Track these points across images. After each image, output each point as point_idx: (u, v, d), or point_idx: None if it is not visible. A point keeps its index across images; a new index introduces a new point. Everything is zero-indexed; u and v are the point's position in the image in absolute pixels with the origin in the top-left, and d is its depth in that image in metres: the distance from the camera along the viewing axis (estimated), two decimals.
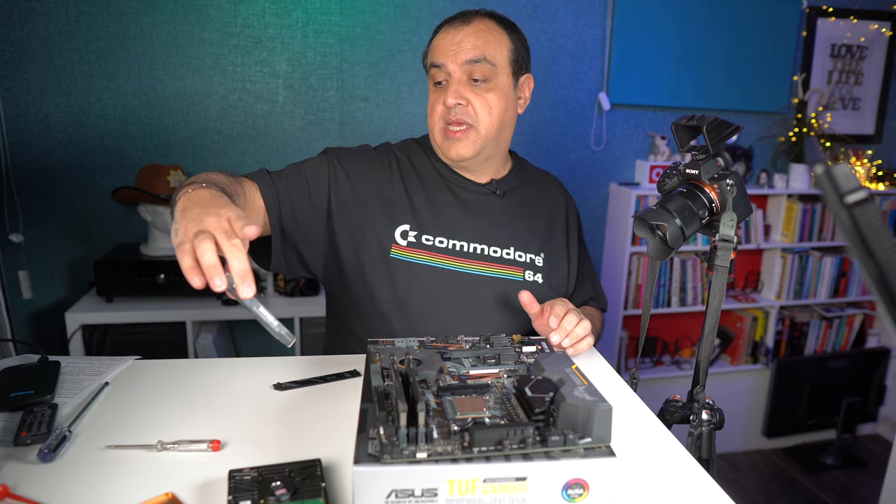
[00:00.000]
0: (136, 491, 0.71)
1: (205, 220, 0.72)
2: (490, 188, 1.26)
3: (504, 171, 1.30)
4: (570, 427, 0.63)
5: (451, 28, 1.18)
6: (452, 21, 1.19)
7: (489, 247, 1.22)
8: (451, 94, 1.15)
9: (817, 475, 2.75)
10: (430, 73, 1.21)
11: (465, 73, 1.16)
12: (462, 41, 1.15)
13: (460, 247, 1.20)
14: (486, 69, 1.16)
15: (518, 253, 1.24)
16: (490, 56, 1.16)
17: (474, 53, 1.15)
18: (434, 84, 1.20)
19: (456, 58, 1.15)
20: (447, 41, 1.17)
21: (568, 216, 1.35)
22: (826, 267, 2.92)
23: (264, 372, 1.04)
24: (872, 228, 0.41)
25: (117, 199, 2.20)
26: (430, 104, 1.21)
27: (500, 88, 1.18)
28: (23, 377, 0.96)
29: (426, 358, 0.78)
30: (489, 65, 1.16)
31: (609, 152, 2.76)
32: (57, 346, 2.27)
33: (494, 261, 1.22)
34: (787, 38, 2.80)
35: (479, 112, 1.17)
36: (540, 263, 1.25)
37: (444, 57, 1.16)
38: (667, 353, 2.93)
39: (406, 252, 1.17)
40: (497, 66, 1.17)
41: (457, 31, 1.16)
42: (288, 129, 2.42)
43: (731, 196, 0.95)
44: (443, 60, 1.16)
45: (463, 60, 1.15)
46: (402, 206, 1.20)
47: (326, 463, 0.75)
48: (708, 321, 1.00)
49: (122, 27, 2.22)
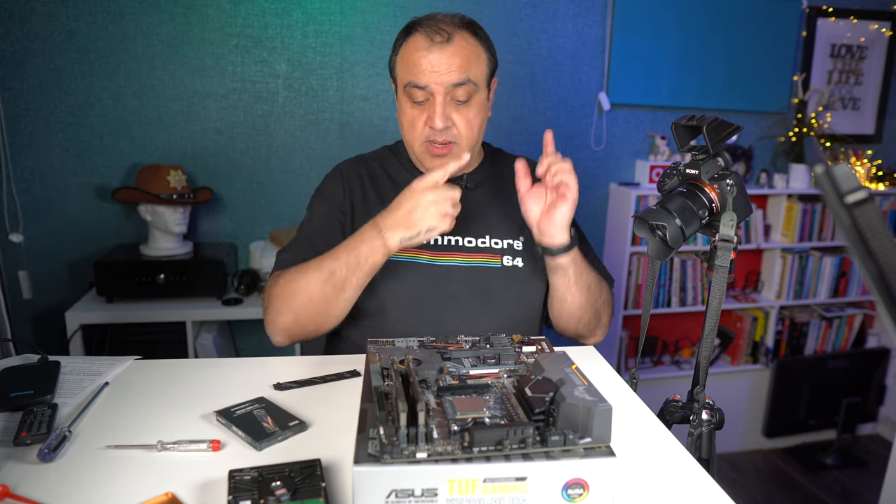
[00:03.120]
0: (136, 491, 0.71)
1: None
2: (460, 183, 1.26)
3: (474, 165, 1.30)
4: (570, 427, 0.63)
5: (432, 45, 1.12)
6: (430, 35, 1.13)
7: (463, 237, 1.23)
8: (440, 118, 1.13)
9: (817, 475, 2.75)
10: (405, 90, 1.16)
11: (450, 95, 1.14)
12: (445, 62, 1.12)
13: (435, 241, 1.20)
14: (470, 90, 1.14)
15: (494, 240, 1.24)
16: (474, 76, 1.14)
17: (459, 76, 1.12)
18: (412, 101, 1.17)
19: (441, 80, 1.12)
20: (428, 61, 1.12)
21: None
22: (826, 267, 2.92)
23: (264, 372, 1.04)
24: (872, 228, 0.41)
25: (117, 199, 2.20)
26: (409, 120, 1.18)
27: (479, 104, 1.18)
28: (23, 377, 0.96)
29: (426, 358, 0.78)
30: (473, 85, 1.14)
31: (609, 152, 2.75)
32: (57, 346, 2.27)
33: (469, 250, 1.23)
34: (787, 38, 2.80)
35: (463, 130, 1.16)
36: (519, 247, 1.25)
37: (426, 78, 1.12)
38: (667, 353, 2.93)
39: None
40: (479, 85, 1.16)
41: (440, 51, 1.12)
42: (288, 129, 2.42)
43: (731, 196, 0.95)
44: (425, 82, 1.12)
45: (448, 84, 1.12)
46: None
47: (326, 463, 0.75)
48: (708, 321, 1.00)
49: (122, 27, 2.22)
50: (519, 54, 2.55)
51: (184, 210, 2.21)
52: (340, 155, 2.43)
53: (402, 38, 1.19)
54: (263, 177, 2.44)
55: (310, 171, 2.46)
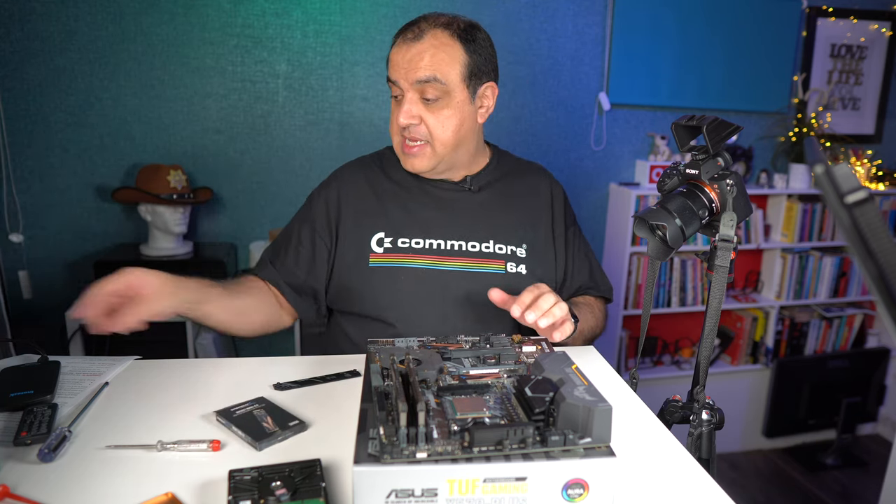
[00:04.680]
0: (136, 491, 0.71)
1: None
2: (464, 185, 1.26)
3: (479, 167, 1.29)
4: (570, 427, 0.63)
5: (404, 42, 1.14)
6: (405, 33, 1.15)
7: (467, 242, 1.22)
8: (404, 114, 1.14)
9: (817, 475, 2.75)
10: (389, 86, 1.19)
11: (417, 91, 1.14)
12: (413, 59, 1.12)
13: (437, 245, 1.21)
14: (438, 88, 1.13)
15: (498, 245, 1.24)
16: (442, 75, 1.12)
17: (425, 73, 1.12)
18: (393, 97, 1.19)
19: (407, 76, 1.13)
20: (399, 56, 1.14)
21: (553, 203, 1.32)
22: (826, 267, 2.92)
23: (264, 372, 1.04)
24: (872, 228, 0.41)
25: (117, 199, 2.20)
26: (391, 116, 1.20)
27: (454, 104, 1.16)
28: (23, 377, 0.96)
29: (426, 358, 0.78)
30: (440, 83, 1.13)
31: (609, 152, 2.75)
32: (57, 346, 2.27)
33: (473, 255, 1.22)
34: (787, 38, 2.80)
35: (434, 129, 1.16)
36: (522, 255, 1.24)
37: (395, 73, 1.14)
38: (667, 353, 2.93)
39: (384, 258, 1.20)
40: (448, 84, 1.13)
41: (409, 47, 1.13)
42: (288, 129, 2.42)
43: (731, 196, 0.95)
44: (395, 77, 1.15)
45: (413, 80, 1.13)
46: (374, 216, 1.23)
47: (326, 463, 0.75)
48: (708, 321, 1.00)
49: (122, 27, 2.22)
50: (519, 54, 2.55)
51: (184, 210, 2.22)
52: (340, 155, 2.45)
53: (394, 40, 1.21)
54: (263, 177, 2.44)
55: (310, 171, 2.46)
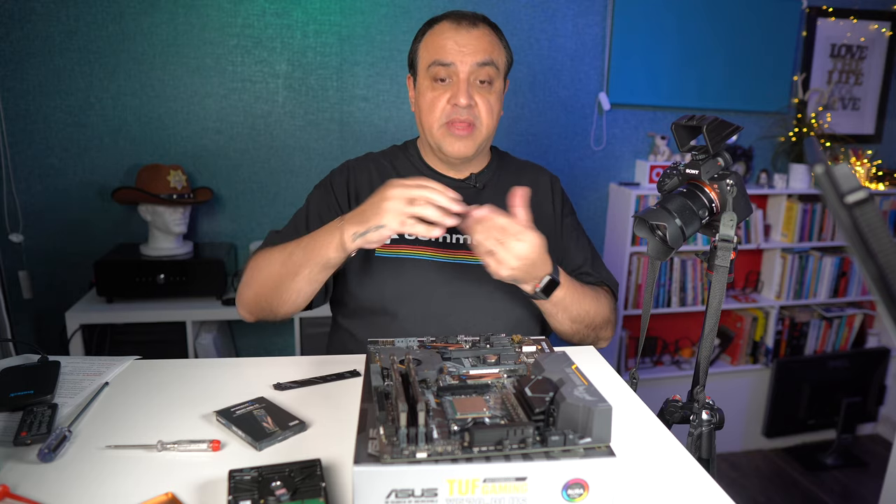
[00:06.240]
0: (136, 491, 0.71)
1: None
2: (469, 182, 1.29)
3: (482, 165, 1.33)
4: (570, 427, 0.63)
5: (459, 28, 1.19)
6: (458, 20, 1.21)
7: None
8: (464, 94, 1.17)
9: (817, 475, 2.75)
10: (428, 71, 1.20)
11: (474, 74, 1.19)
12: (471, 43, 1.18)
13: (443, 238, 1.23)
14: (493, 72, 1.20)
15: None
16: (496, 60, 1.21)
17: (484, 56, 1.18)
18: (434, 81, 1.20)
19: (466, 59, 1.17)
20: (454, 41, 1.18)
21: (553, 199, 1.35)
22: (826, 267, 2.92)
23: (264, 372, 1.04)
24: (872, 228, 0.41)
25: (117, 199, 2.20)
26: (429, 101, 1.20)
27: (498, 91, 1.24)
28: (23, 377, 0.96)
29: (426, 358, 0.78)
30: (495, 68, 1.20)
31: (609, 152, 2.75)
32: (57, 346, 2.27)
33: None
34: (787, 38, 2.80)
35: (483, 113, 1.21)
36: None
37: (452, 56, 1.18)
38: (667, 353, 2.93)
39: (390, 249, 1.22)
40: (500, 71, 1.23)
41: (467, 33, 1.19)
42: (288, 129, 2.42)
43: (731, 196, 0.95)
44: (452, 59, 1.18)
45: (474, 62, 1.18)
46: None
47: (326, 463, 0.75)
48: (708, 321, 1.00)
49: (122, 27, 2.22)
50: (519, 54, 2.55)
51: (184, 210, 2.22)
52: (340, 155, 2.45)
53: (425, 29, 1.25)
54: (263, 177, 2.44)
55: (310, 171, 2.46)
